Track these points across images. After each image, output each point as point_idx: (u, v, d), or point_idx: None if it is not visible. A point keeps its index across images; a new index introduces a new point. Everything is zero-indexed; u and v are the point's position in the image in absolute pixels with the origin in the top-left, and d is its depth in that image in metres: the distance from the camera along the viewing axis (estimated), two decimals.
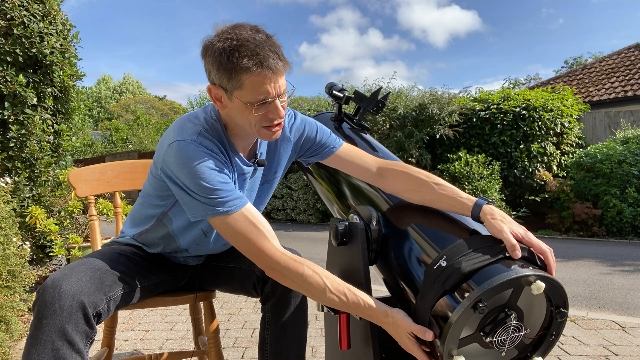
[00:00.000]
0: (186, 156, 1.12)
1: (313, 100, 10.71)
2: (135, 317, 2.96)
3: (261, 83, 1.09)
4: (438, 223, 1.21)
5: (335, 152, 1.39)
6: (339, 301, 1.09)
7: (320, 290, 1.09)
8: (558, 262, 5.17)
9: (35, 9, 3.40)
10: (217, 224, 1.13)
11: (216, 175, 1.12)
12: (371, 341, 1.20)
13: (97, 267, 1.14)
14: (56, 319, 0.99)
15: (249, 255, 1.14)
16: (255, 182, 1.35)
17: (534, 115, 8.21)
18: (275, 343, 1.25)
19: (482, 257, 1.01)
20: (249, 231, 1.12)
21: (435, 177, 1.26)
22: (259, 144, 1.33)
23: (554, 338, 1.07)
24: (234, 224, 1.12)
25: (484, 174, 7.85)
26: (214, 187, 1.11)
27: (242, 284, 1.37)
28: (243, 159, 1.28)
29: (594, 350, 2.36)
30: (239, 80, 1.09)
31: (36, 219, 3.31)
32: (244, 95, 1.11)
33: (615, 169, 7.51)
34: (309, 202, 9.52)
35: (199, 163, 1.11)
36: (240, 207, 1.13)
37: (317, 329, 2.66)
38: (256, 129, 1.17)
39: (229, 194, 1.12)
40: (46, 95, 3.59)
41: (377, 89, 1.64)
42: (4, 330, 2.18)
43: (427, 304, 1.03)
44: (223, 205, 1.12)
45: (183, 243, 1.37)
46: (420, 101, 8.46)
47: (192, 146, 1.13)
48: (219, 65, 1.09)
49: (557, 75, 14.94)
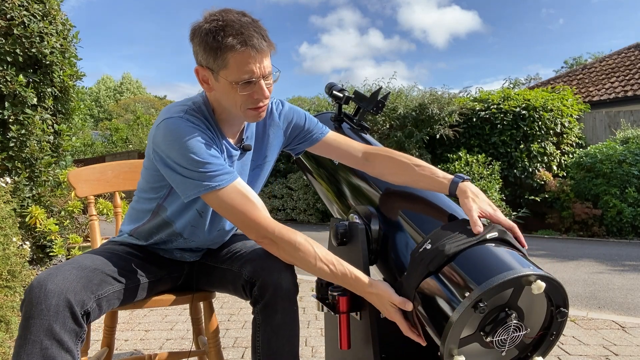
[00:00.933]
0: (175, 132, 1.15)
1: (313, 100, 10.72)
2: (135, 317, 2.96)
3: (245, 62, 1.12)
4: (428, 212, 1.23)
5: (322, 139, 1.44)
6: (329, 270, 1.14)
7: (311, 257, 1.14)
8: (558, 262, 5.17)
9: (35, 9, 3.40)
10: (211, 199, 1.17)
11: (206, 149, 1.16)
12: (371, 341, 1.20)
13: (84, 266, 1.14)
14: (43, 319, 0.99)
15: (243, 228, 1.18)
16: (244, 166, 1.37)
17: (534, 115, 8.21)
18: (267, 345, 1.24)
19: (465, 239, 1.05)
20: (242, 203, 1.16)
21: (416, 159, 1.33)
22: (245, 128, 1.36)
23: (554, 338, 1.07)
24: (226, 198, 1.15)
25: (484, 174, 7.85)
26: (205, 160, 1.14)
27: (234, 286, 1.36)
28: (231, 144, 1.31)
29: (594, 350, 2.36)
30: (224, 59, 1.13)
31: (36, 219, 3.31)
32: (230, 75, 1.14)
33: (615, 169, 7.51)
34: (309, 202, 9.52)
35: (189, 138, 1.15)
36: (231, 181, 1.17)
37: (317, 329, 2.66)
38: (242, 110, 1.20)
39: (220, 168, 1.16)
40: (46, 95, 3.59)
41: (377, 89, 1.64)
42: (4, 330, 2.18)
43: (412, 283, 1.07)
44: (214, 179, 1.15)
45: (179, 227, 1.37)
46: (420, 101, 8.46)
47: (180, 122, 1.17)
48: (205, 45, 1.14)
49: (557, 75, 14.95)
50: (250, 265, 1.28)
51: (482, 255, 1.03)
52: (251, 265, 1.27)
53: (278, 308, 1.23)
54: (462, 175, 1.22)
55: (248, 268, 1.28)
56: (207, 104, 1.27)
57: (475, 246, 1.05)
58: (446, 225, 1.12)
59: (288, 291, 1.23)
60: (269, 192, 9.98)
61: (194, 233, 1.39)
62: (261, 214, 1.17)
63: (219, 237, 1.46)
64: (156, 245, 1.43)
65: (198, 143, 1.15)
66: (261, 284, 1.23)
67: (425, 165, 1.30)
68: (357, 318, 1.26)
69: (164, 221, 1.37)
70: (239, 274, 1.32)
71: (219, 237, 1.46)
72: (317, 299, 1.33)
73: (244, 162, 1.37)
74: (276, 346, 1.24)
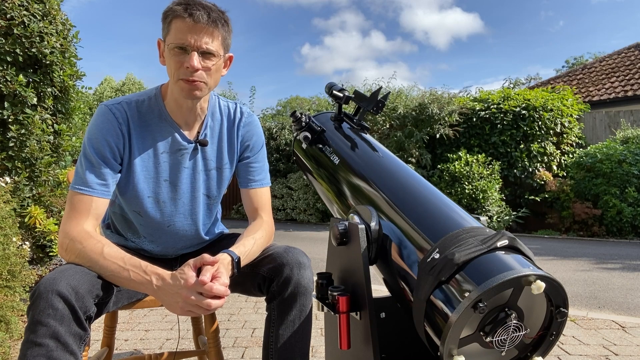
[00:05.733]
0: (93, 118, 1.30)
1: (313, 100, 10.71)
2: (135, 317, 2.96)
3: (182, 29, 1.20)
4: (433, 218, 1.22)
5: (256, 188, 1.47)
6: (118, 267, 1.14)
7: (98, 254, 1.15)
8: (558, 262, 5.17)
9: (35, 8, 3.39)
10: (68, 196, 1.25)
11: (101, 143, 1.25)
12: (371, 341, 1.20)
13: (86, 270, 1.15)
14: (50, 323, 1.02)
15: (62, 224, 1.25)
16: (198, 163, 1.39)
17: (534, 115, 8.21)
18: (280, 341, 1.26)
19: (474, 248, 1.03)
20: (77, 211, 1.22)
21: (258, 233, 1.37)
22: (204, 126, 1.39)
23: (554, 338, 1.07)
24: (69, 200, 1.24)
25: (484, 174, 7.85)
26: (92, 155, 1.24)
27: (243, 287, 1.39)
28: (183, 135, 1.35)
29: (594, 350, 2.36)
30: (169, 24, 1.23)
31: (36, 219, 3.31)
32: (169, 38, 1.23)
33: (615, 168, 7.51)
34: (309, 202, 9.52)
35: (96, 127, 1.27)
36: (84, 194, 1.23)
37: (317, 329, 2.66)
38: (175, 80, 1.25)
39: (93, 174, 1.24)
40: (46, 95, 3.59)
41: (377, 89, 1.64)
42: (4, 330, 2.18)
43: (422, 296, 1.05)
44: (77, 181, 1.23)
45: (135, 224, 1.42)
46: (420, 101, 8.46)
47: (102, 109, 1.29)
48: (162, 17, 1.25)
49: (557, 75, 14.93)
50: (268, 262, 1.32)
51: (490, 262, 1.02)
52: (270, 263, 1.31)
53: (295, 304, 1.27)
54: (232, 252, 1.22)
55: (266, 265, 1.31)
56: (159, 94, 1.34)
57: (485, 254, 1.03)
58: (454, 233, 1.10)
59: (306, 288, 1.27)
60: None
61: (150, 234, 1.43)
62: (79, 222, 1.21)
63: (191, 240, 1.48)
64: (136, 245, 1.46)
65: (100, 133, 1.26)
66: (281, 279, 1.27)
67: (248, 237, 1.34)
68: (357, 318, 1.26)
69: (122, 217, 1.43)
70: (252, 274, 1.34)
71: (192, 240, 1.48)
72: (317, 298, 1.33)
73: (199, 159, 1.39)
74: (289, 343, 1.26)
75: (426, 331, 1.09)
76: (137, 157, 1.31)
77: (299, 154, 1.68)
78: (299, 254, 1.32)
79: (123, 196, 1.36)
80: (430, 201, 1.27)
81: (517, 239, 1.10)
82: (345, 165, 1.48)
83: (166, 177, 1.36)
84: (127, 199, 1.36)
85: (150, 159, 1.33)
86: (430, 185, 1.35)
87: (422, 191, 1.30)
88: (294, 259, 1.29)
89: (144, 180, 1.33)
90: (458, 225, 1.14)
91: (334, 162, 1.54)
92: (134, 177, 1.32)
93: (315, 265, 4.82)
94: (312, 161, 1.63)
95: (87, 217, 1.21)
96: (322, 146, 1.56)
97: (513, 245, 1.07)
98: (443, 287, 1.03)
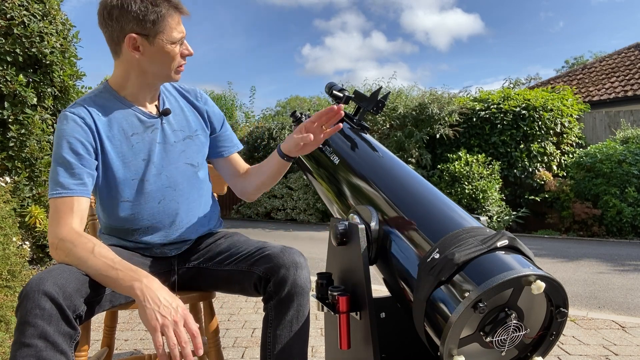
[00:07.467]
0: (57, 127, 1.33)
1: (312, 100, 10.71)
2: (135, 317, 2.96)
3: (177, 23, 1.31)
4: (433, 218, 1.22)
5: (234, 153, 1.60)
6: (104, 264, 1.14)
7: (89, 251, 1.15)
8: (558, 262, 5.17)
9: (35, 8, 3.40)
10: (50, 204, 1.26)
11: (71, 141, 1.27)
12: (371, 341, 1.20)
13: (75, 269, 1.15)
14: (37, 323, 1.01)
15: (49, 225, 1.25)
16: (169, 135, 1.43)
17: (534, 115, 8.21)
18: (277, 342, 1.26)
19: (474, 248, 1.03)
20: (55, 217, 1.23)
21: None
22: (161, 100, 1.46)
23: (554, 338, 1.07)
24: (51, 207, 1.25)
25: (484, 174, 7.85)
26: (64, 156, 1.26)
27: (241, 286, 1.38)
28: (146, 112, 1.40)
29: (594, 350, 2.36)
30: (161, 22, 1.28)
31: (36, 218, 3.31)
32: (167, 35, 1.29)
33: (615, 168, 7.51)
34: (309, 202, 9.52)
35: (62, 131, 1.29)
36: (64, 196, 1.24)
37: (317, 329, 2.66)
38: (174, 69, 1.34)
39: (68, 176, 1.25)
40: (46, 95, 3.59)
41: (377, 89, 1.64)
42: (4, 330, 2.18)
43: (422, 296, 1.06)
44: (53, 187, 1.25)
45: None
46: (420, 101, 8.47)
47: (62, 115, 1.32)
48: (141, 14, 1.26)
49: (557, 75, 14.94)
50: (264, 262, 1.31)
51: (490, 262, 1.02)
52: (266, 262, 1.30)
53: (292, 304, 1.26)
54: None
55: (262, 265, 1.31)
56: (107, 86, 1.39)
57: (485, 254, 1.04)
58: (454, 233, 1.10)
59: (303, 288, 1.26)
60: (269, 192, 9.98)
61: (147, 219, 1.42)
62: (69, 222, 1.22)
63: (188, 214, 1.49)
64: (135, 243, 1.45)
65: (68, 138, 1.28)
66: (277, 279, 1.26)
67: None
68: (357, 318, 1.26)
69: (115, 223, 1.42)
70: (249, 273, 1.34)
71: (189, 216, 1.50)
72: (317, 298, 1.33)
73: (168, 130, 1.44)
74: (287, 344, 1.25)
75: (426, 331, 1.09)
76: (109, 145, 1.34)
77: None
78: (295, 253, 1.31)
79: (109, 193, 1.37)
80: (430, 201, 1.27)
81: (517, 239, 1.10)
82: (345, 165, 1.48)
83: (144, 157, 1.38)
84: (113, 194, 1.37)
85: (122, 143, 1.35)
86: (430, 185, 1.35)
87: (422, 191, 1.30)
88: (290, 259, 1.28)
89: (123, 165, 1.35)
90: (458, 225, 1.14)
91: (334, 162, 1.54)
92: (112, 165, 1.34)
93: (315, 265, 4.82)
94: (312, 161, 1.63)
95: (72, 216, 1.22)
96: (322, 146, 1.56)
97: (513, 245, 1.07)
98: (443, 287, 1.03)
